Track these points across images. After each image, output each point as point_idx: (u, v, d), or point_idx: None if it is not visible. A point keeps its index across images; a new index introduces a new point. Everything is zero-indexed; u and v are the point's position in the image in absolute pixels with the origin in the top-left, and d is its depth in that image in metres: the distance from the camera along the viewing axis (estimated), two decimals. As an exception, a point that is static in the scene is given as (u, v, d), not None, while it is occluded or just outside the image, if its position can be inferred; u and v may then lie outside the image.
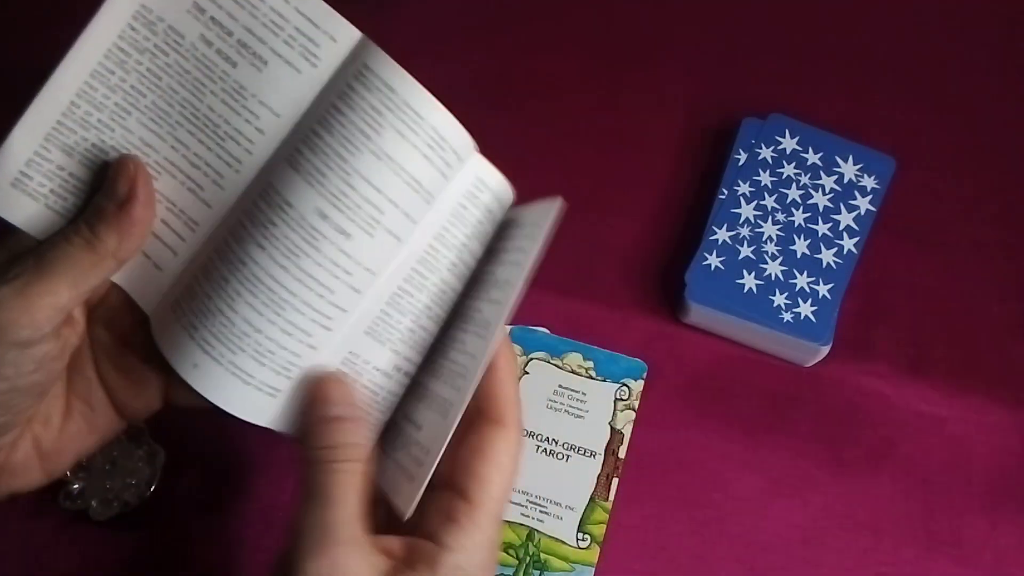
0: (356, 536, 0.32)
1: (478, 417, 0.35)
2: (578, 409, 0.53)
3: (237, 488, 0.51)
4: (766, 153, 0.57)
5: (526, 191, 0.60)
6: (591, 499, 0.50)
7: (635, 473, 0.51)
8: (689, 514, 0.51)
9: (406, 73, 0.35)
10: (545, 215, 0.36)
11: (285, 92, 0.34)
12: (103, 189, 0.34)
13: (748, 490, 0.51)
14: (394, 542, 0.34)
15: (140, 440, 0.49)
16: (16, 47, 0.65)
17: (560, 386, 0.53)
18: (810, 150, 0.57)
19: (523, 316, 0.55)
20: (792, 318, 0.53)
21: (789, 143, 0.57)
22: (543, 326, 0.55)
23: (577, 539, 0.50)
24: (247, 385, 0.34)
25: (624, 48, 0.66)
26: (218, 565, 0.49)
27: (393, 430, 0.38)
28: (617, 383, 0.53)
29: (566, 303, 0.56)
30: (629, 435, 0.52)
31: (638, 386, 0.53)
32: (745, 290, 0.53)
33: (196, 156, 0.35)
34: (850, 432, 0.53)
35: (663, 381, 0.54)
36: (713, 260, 0.54)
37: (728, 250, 0.54)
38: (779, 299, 0.53)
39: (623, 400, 0.53)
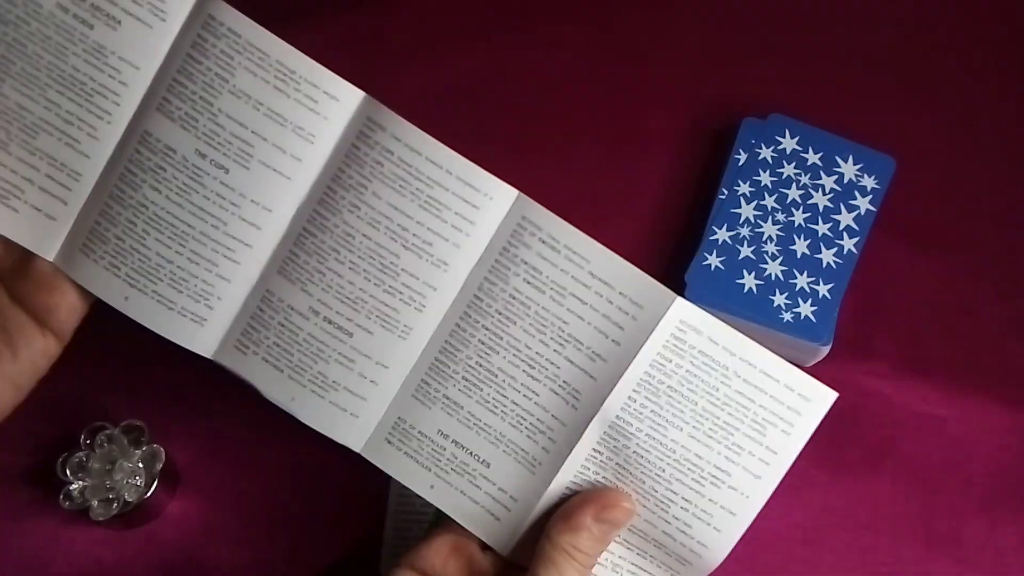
0: None
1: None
2: None
3: (237, 488, 0.51)
4: (766, 153, 0.57)
5: (526, 191, 0.60)
6: None
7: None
8: (689, 514, 0.51)
9: (247, 19, 0.39)
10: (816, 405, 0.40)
11: (140, 47, 0.38)
12: None
13: (748, 490, 0.51)
14: None
15: (140, 440, 0.49)
16: None
17: None
18: (810, 150, 0.57)
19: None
20: (792, 318, 0.53)
21: (789, 143, 0.57)
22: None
23: None
24: (171, 311, 0.39)
25: (624, 48, 0.66)
26: (218, 565, 0.49)
27: (415, 440, 0.39)
28: None
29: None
30: None
31: None
32: (745, 290, 0.53)
33: (68, 113, 0.38)
34: (850, 432, 0.53)
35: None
36: (713, 260, 0.54)
37: (728, 250, 0.54)
38: (779, 299, 0.53)
39: None
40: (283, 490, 0.51)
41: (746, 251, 0.54)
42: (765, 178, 0.56)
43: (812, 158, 0.57)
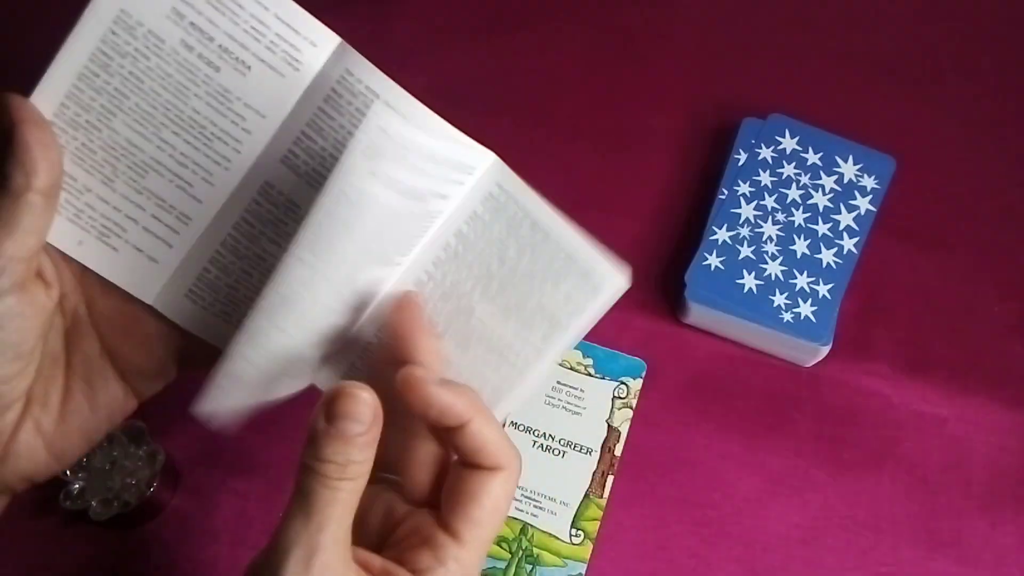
0: (342, 560, 0.32)
1: (473, 464, 0.34)
2: (576, 406, 0.53)
3: (237, 488, 0.51)
4: (766, 153, 0.57)
5: (526, 191, 0.60)
6: (586, 496, 0.51)
7: (634, 472, 0.51)
8: (689, 514, 0.51)
9: (387, 77, 0.36)
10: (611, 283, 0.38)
11: (269, 95, 0.35)
12: None
13: (748, 490, 0.51)
14: (374, 560, 0.33)
15: (140, 440, 0.49)
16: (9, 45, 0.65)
17: (558, 382, 0.53)
18: (810, 150, 0.57)
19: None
20: (792, 318, 0.53)
21: (789, 143, 0.57)
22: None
23: (571, 535, 0.50)
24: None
25: (624, 48, 0.66)
26: (218, 565, 0.49)
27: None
28: (616, 381, 0.53)
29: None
30: (626, 433, 0.52)
31: (636, 384, 0.53)
32: (745, 290, 0.53)
33: (183, 155, 0.36)
34: (850, 432, 0.53)
35: (663, 380, 0.54)
36: (713, 260, 0.54)
37: (728, 250, 0.54)
38: (779, 299, 0.53)
39: (621, 398, 0.53)
40: (283, 490, 0.51)
41: (746, 251, 0.54)
42: (765, 178, 0.56)
43: (812, 158, 0.57)
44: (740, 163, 0.57)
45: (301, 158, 0.35)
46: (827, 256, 0.54)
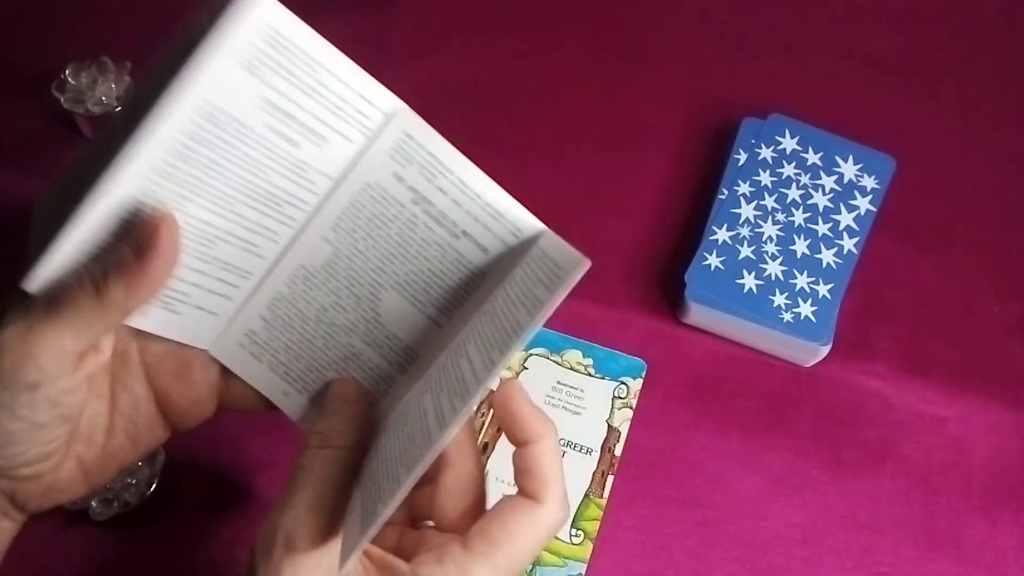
0: (318, 518, 0.33)
1: (519, 488, 0.34)
2: (576, 406, 0.53)
3: (237, 488, 0.51)
4: (766, 153, 0.57)
5: (526, 191, 0.60)
6: (585, 496, 0.50)
7: (634, 472, 0.51)
8: (689, 514, 0.51)
9: (441, 139, 0.38)
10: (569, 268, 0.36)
11: (339, 159, 0.36)
12: (126, 238, 0.33)
13: (748, 490, 0.51)
14: (374, 550, 0.34)
15: (140, 440, 0.49)
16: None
17: (559, 382, 0.53)
18: (810, 150, 0.57)
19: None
20: (792, 318, 0.53)
21: (789, 143, 0.57)
22: (543, 325, 0.55)
23: (570, 535, 0.50)
24: None
25: (624, 48, 0.66)
26: (218, 565, 0.49)
27: None
28: (616, 381, 0.53)
29: (566, 302, 0.56)
30: (626, 433, 0.52)
31: (636, 384, 0.53)
32: (745, 290, 0.53)
33: (253, 223, 0.36)
34: (850, 432, 0.53)
35: (663, 380, 0.54)
36: (713, 260, 0.54)
37: (728, 250, 0.54)
38: (779, 299, 0.53)
39: (621, 398, 0.53)
40: (283, 490, 0.51)
41: (746, 251, 0.54)
42: (765, 178, 0.56)
43: (812, 158, 0.57)
44: (740, 163, 0.57)
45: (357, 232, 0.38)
46: (827, 256, 0.54)
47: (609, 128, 0.62)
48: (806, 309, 0.53)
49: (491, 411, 0.51)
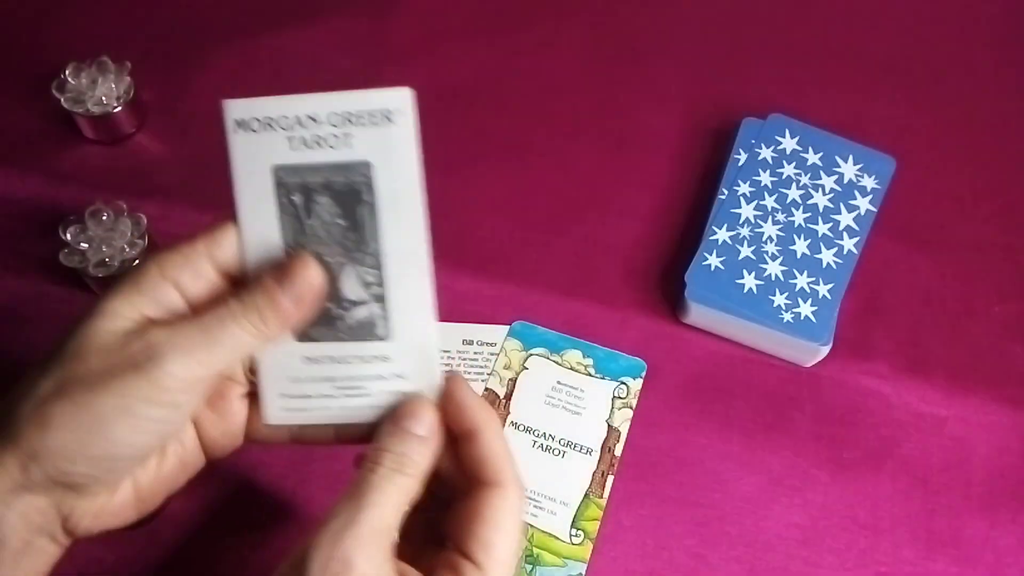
0: (378, 545, 0.32)
1: (475, 481, 0.35)
2: (576, 406, 0.53)
3: (238, 488, 0.51)
4: (766, 153, 0.57)
5: (526, 191, 0.60)
6: (586, 495, 0.50)
7: (634, 472, 0.51)
8: (689, 514, 0.51)
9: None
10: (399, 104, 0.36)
11: None
12: (284, 284, 0.35)
13: (748, 490, 0.51)
14: (410, 572, 0.34)
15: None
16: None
17: (559, 382, 0.53)
18: (810, 150, 0.57)
19: (525, 314, 0.55)
20: (792, 318, 0.53)
21: (789, 143, 0.57)
22: (544, 325, 0.55)
23: (571, 535, 0.50)
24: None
25: (624, 48, 0.66)
26: (218, 565, 0.49)
27: None
28: (616, 381, 0.53)
29: (567, 303, 0.56)
30: (626, 433, 0.52)
31: (637, 384, 0.53)
32: (745, 290, 0.53)
33: None
34: (850, 432, 0.53)
35: (663, 381, 0.54)
36: (713, 260, 0.54)
37: (728, 250, 0.54)
38: (779, 299, 0.53)
39: (621, 398, 0.53)
40: (283, 491, 0.51)
41: (746, 251, 0.54)
42: (765, 178, 0.56)
43: (812, 158, 0.57)
44: (740, 163, 0.57)
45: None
46: (827, 256, 0.54)
47: (609, 128, 0.62)
48: (806, 309, 0.53)
49: None
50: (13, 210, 0.58)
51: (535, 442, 0.52)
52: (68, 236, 0.54)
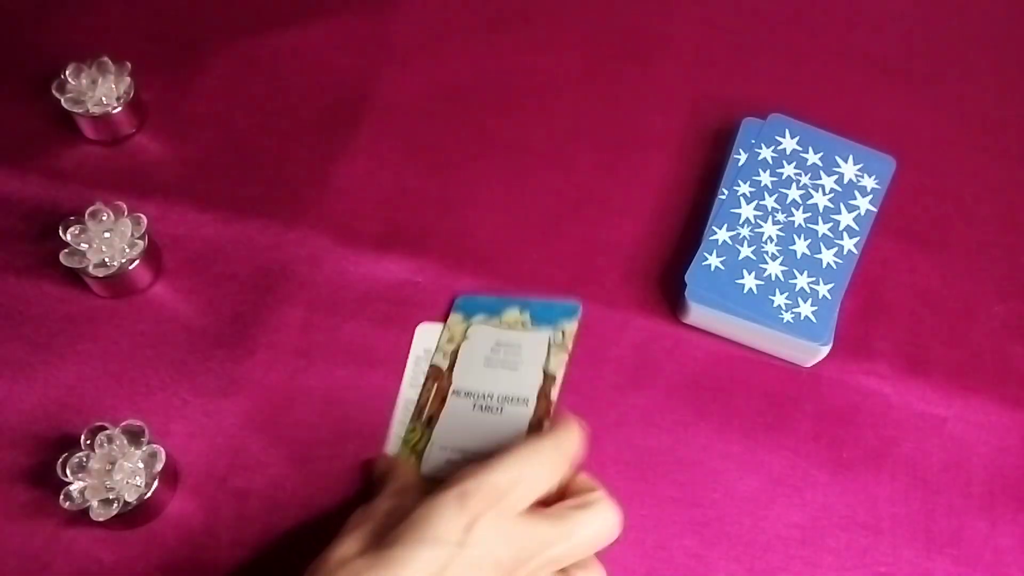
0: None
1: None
2: (513, 362, 0.52)
3: (237, 488, 0.51)
4: (766, 153, 0.57)
5: (526, 191, 0.60)
6: None
7: (634, 472, 0.51)
8: (689, 514, 0.51)
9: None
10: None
11: None
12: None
13: (748, 490, 0.51)
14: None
15: (140, 440, 0.49)
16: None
17: (497, 342, 0.53)
18: (810, 150, 0.57)
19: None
20: (792, 318, 0.53)
21: (789, 143, 0.57)
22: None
23: None
24: None
25: (624, 47, 0.66)
26: (218, 565, 0.49)
27: None
28: (551, 328, 0.53)
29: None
30: (562, 376, 0.51)
31: (572, 326, 0.52)
32: (745, 290, 0.53)
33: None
34: (850, 432, 0.53)
35: (663, 380, 0.54)
36: (713, 260, 0.54)
37: (728, 250, 0.54)
38: (779, 299, 0.53)
39: (557, 344, 0.52)
40: (283, 490, 0.51)
41: (746, 251, 0.54)
42: (765, 178, 0.56)
43: (812, 158, 0.57)
44: (740, 163, 0.57)
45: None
46: (827, 256, 0.54)
47: (609, 128, 0.62)
48: (806, 309, 0.53)
49: (435, 385, 0.52)
50: (13, 210, 0.58)
51: (475, 404, 0.51)
52: (68, 236, 0.54)
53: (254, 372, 0.53)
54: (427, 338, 0.54)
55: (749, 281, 0.54)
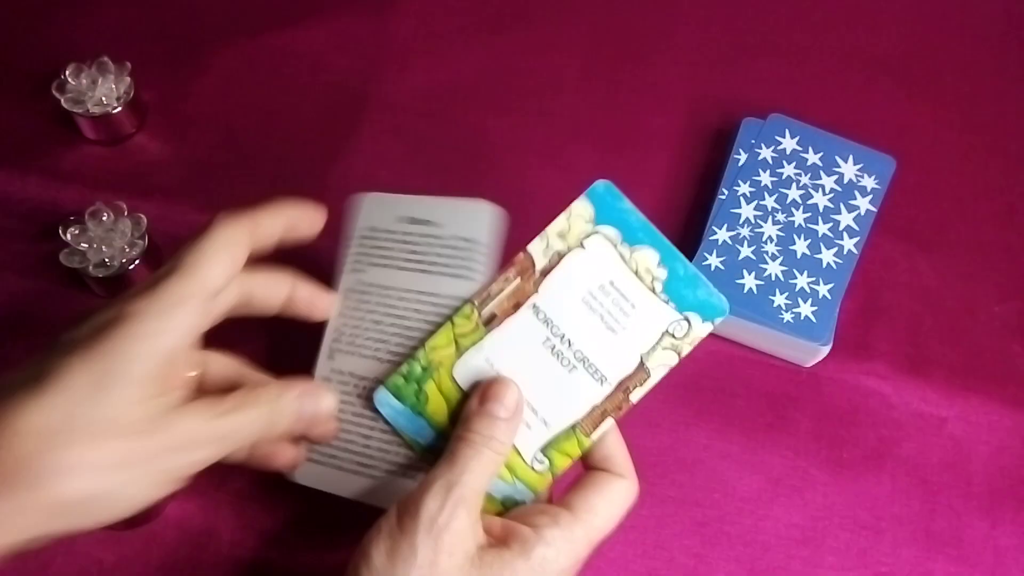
0: (473, 506, 0.37)
1: (596, 470, 0.41)
2: (616, 321, 0.41)
3: (237, 488, 0.51)
4: (766, 153, 0.57)
5: (526, 191, 0.60)
6: (573, 426, 0.41)
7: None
8: (689, 514, 0.51)
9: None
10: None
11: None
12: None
13: (748, 490, 0.51)
14: (495, 522, 0.39)
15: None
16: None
17: (611, 282, 0.42)
18: (810, 150, 0.57)
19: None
20: (792, 318, 0.53)
21: (789, 143, 0.57)
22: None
23: (534, 458, 0.41)
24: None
25: (624, 48, 0.66)
26: (218, 565, 0.49)
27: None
28: (680, 314, 0.41)
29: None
30: (657, 380, 0.41)
31: (703, 329, 0.41)
32: (745, 290, 0.53)
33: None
34: (850, 432, 0.53)
35: (663, 380, 0.54)
36: (713, 260, 0.54)
37: (728, 250, 0.54)
38: (779, 299, 0.53)
39: (673, 336, 0.41)
40: (283, 490, 0.51)
41: (746, 251, 0.54)
42: (765, 178, 0.56)
43: (812, 158, 0.57)
44: (740, 163, 0.57)
45: None
46: (827, 256, 0.54)
47: (609, 128, 0.62)
48: (806, 309, 0.53)
49: (516, 280, 0.43)
50: (13, 210, 0.58)
51: (548, 340, 0.42)
52: (68, 236, 0.54)
53: (254, 372, 0.53)
54: (374, 215, 0.47)
55: (749, 281, 0.54)
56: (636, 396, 0.41)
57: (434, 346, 0.43)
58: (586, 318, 0.42)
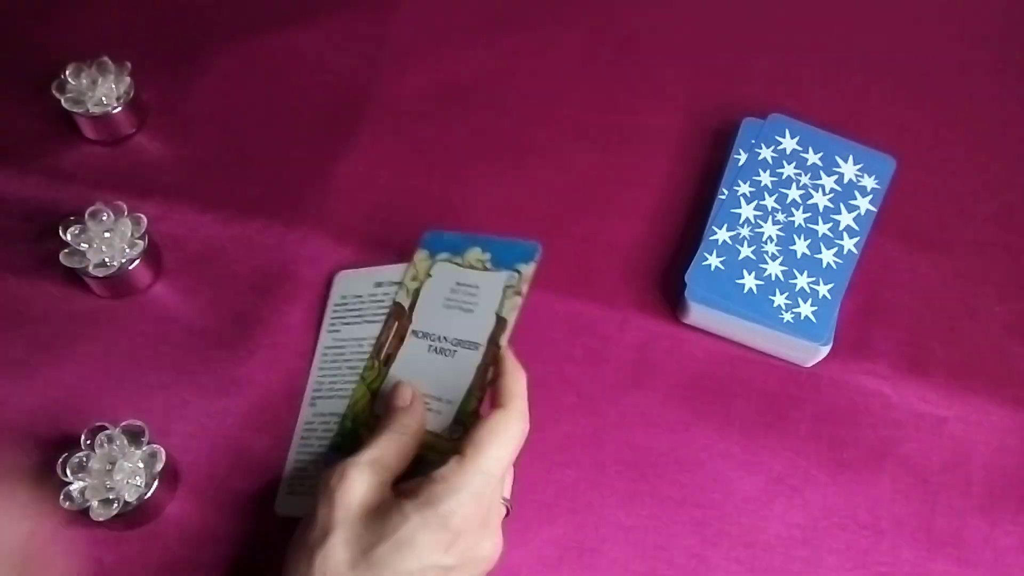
0: (374, 468, 0.42)
1: (494, 410, 0.44)
2: (470, 304, 0.50)
3: (237, 488, 0.51)
4: (766, 153, 0.57)
5: (526, 191, 0.60)
6: (469, 391, 0.47)
7: (633, 472, 0.52)
8: (689, 514, 0.51)
9: None
10: None
11: None
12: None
13: (748, 490, 0.51)
14: (408, 485, 0.42)
15: (140, 440, 0.49)
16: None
17: (458, 283, 0.51)
18: (810, 150, 0.57)
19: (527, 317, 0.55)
20: (792, 318, 0.53)
21: (789, 143, 0.57)
22: (544, 325, 0.55)
23: (451, 431, 0.47)
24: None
25: (624, 48, 0.66)
26: (218, 565, 0.49)
27: None
28: (509, 270, 0.50)
29: (566, 303, 0.56)
30: (513, 322, 0.48)
31: (529, 269, 0.49)
32: (745, 290, 0.53)
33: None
34: (850, 432, 0.53)
35: (663, 381, 0.54)
36: (713, 260, 0.54)
37: (728, 250, 0.54)
38: (779, 299, 0.53)
39: (511, 286, 0.49)
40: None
41: (746, 251, 0.54)
42: (765, 178, 0.56)
43: (812, 158, 0.57)
44: (740, 163, 0.57)
45: None
46: (827, 256, 0.54)
47: (609, 128, 0.62)
48: (806, 309, 0.53)
49: (395, 323, 0.52)
50: (13, 210, 0.58)
51: (431, 346, 0.50)
52: (68, 236, 0.54)
53: (254, 372, 0.53)
54: (345, 286, 0.55)
55: (749, 281, 0.54)
56: (503, 340, 0.49)
57: (354, 401, 0.51)
58: (450, 315, 0.51)
